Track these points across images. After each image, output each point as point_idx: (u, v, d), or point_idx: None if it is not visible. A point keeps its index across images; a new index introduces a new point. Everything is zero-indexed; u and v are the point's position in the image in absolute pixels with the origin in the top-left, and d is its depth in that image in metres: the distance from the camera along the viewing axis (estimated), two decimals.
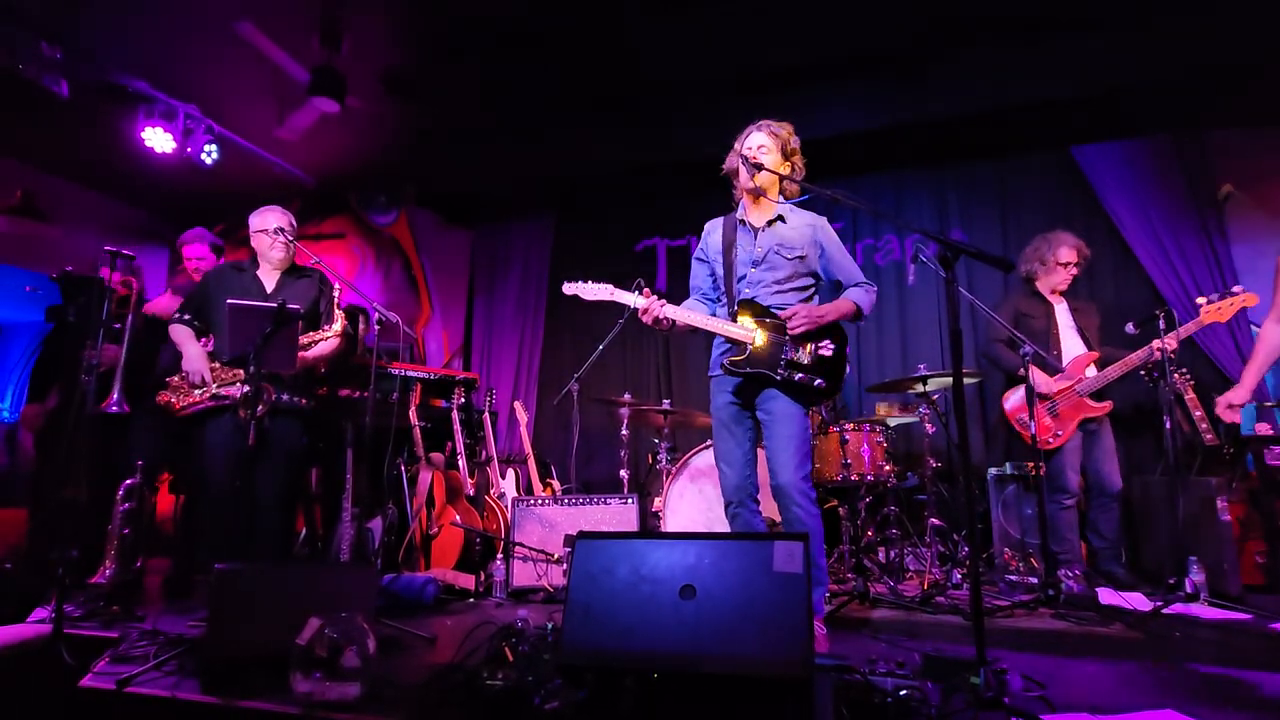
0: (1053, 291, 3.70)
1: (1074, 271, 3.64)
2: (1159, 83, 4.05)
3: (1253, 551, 3.45)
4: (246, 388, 2.84)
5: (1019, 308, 3.73)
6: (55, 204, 5.22)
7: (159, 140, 4.32)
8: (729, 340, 2.51)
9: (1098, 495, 3.51)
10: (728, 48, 4.09)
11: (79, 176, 5.58)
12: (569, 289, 2.63)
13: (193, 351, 2.97)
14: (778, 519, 2.81)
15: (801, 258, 2.54)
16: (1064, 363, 3.57)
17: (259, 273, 3.17)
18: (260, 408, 2.73)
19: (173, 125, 4.35)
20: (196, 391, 2.95)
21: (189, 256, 3.77)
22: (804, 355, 2.43)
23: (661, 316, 2.45)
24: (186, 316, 3.07)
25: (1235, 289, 3.31)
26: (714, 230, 2.71)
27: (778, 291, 2.53)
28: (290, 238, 3.13)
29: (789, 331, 2.41)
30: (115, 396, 3.00)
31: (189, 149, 4.43)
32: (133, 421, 3.38)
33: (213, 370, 2.96)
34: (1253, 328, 4.16)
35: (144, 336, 3.43)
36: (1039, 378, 3.55)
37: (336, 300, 3.16)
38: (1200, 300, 3.36)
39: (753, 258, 2.56)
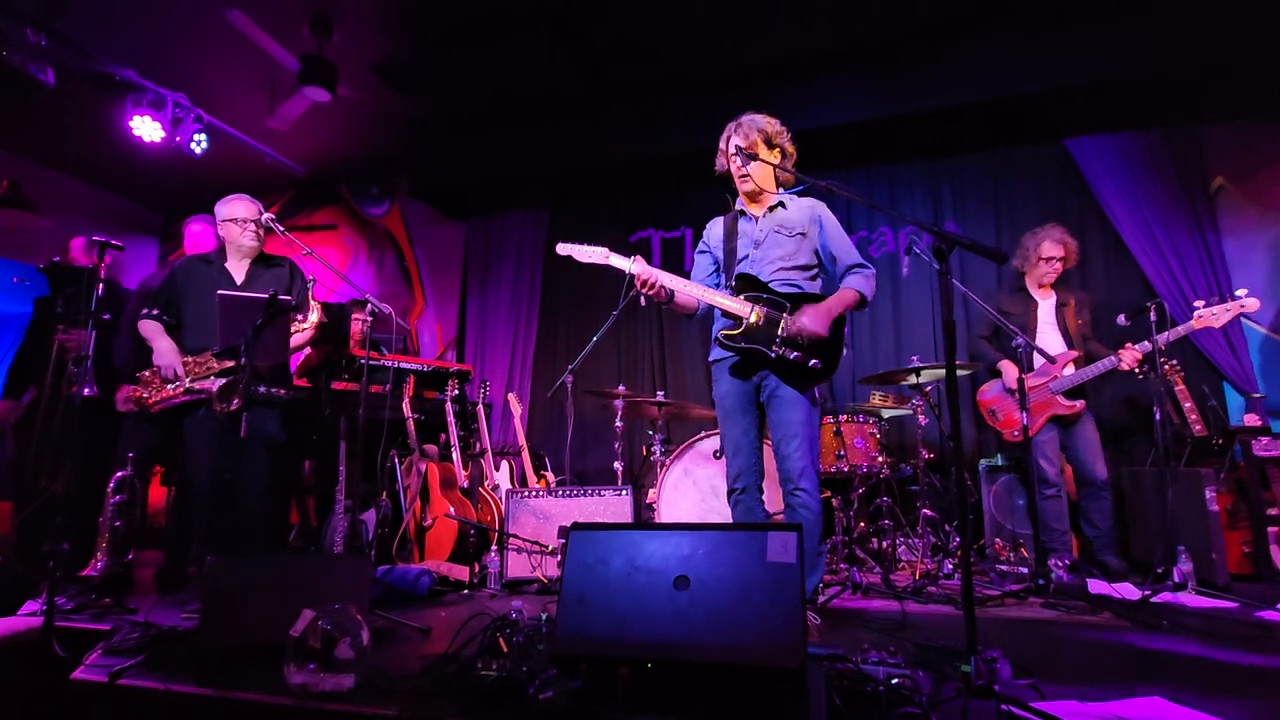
0: (1040, 286, 3.71)
1: (1058, 267, 3.64)
2: (1153, 76, 4.06)
3: (1239, 541, 3.49)
4: (221, 381, 2.83)
5: (1000, 304, 3.76)
6: (43, 194, 5.16)
7: (148, 129, 4.27)
8: (724, 314, 2.49)
9: (1083, 485, 3.55)
10: (721, 40, 4.07)
11: (67, 166, 5.52)
12: (563, 249, 2.56)
13: (164, 346, 2.93)
14: (773, 511, 2.83)
15: (803, 234, 2.53)
16: (1035, 360, 3.60)
17: (227, 264, 3.13)
18: (236, 401, 2.72)
19: (161, 114, 4.29)
20: (169, 386, 2.92)
21: (189, 235, 3.74)
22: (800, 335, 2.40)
23: (656, 283, 2.40)
24: (155, 311, 3.02)
25: (1239, 293, 3.25)
26: (715, 224, 2.73)
27: (781, 269, 2.51)
28: (261, 227, 3.09)
29: (804, 335, 2.36)
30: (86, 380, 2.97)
31: (178, 138, 4.38)
32: (125, 413, 3.36)
33: (185, 364, 2.94)
34: (1244, 321, 4.20)
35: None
36: (1010, 372, 3.57)
37: (310, 290, 3.14)
38: (1198, 304, 3.33)
39: (754, 240, 2.56)
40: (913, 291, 4.90)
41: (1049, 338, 3.65)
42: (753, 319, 2.41)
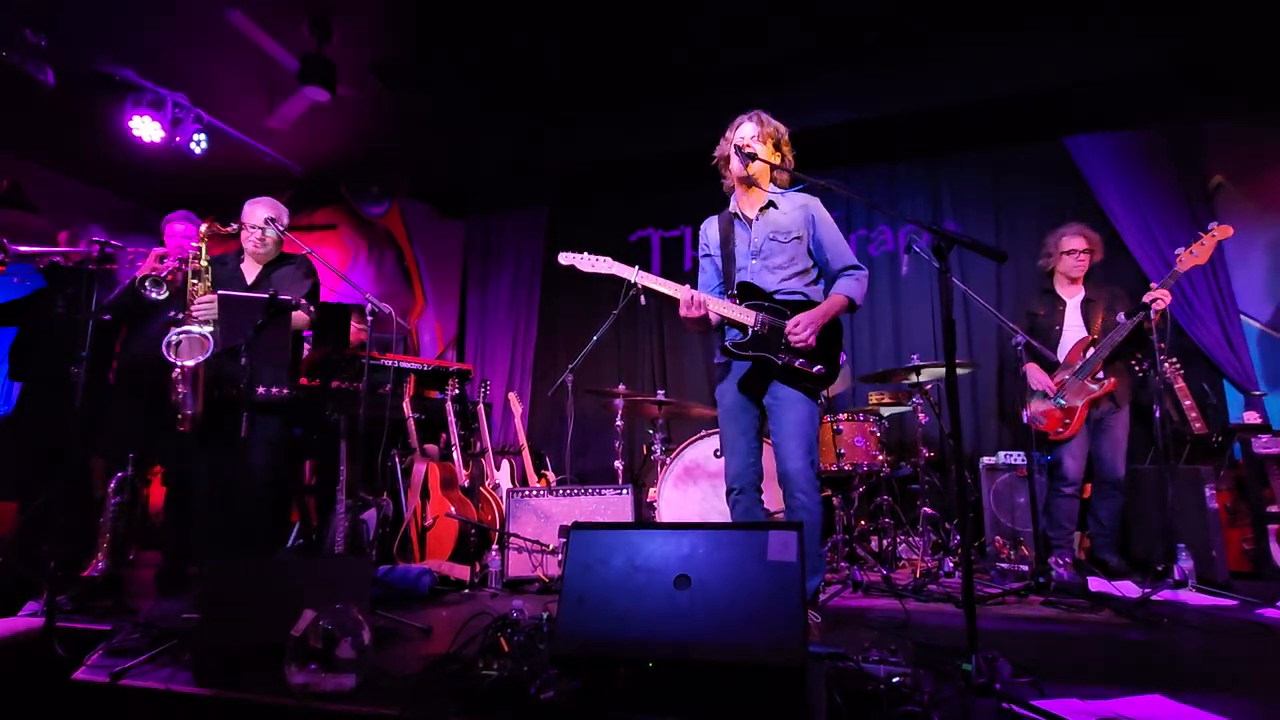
0: (1070, 283, 3.68)
1: (1083, 259, 3.62)
2: (1152, 74, 4.05)
3: (1239, 539, 3.49)
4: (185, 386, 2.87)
5: (1029, 306, 3.80)
6: (43, 194, 5.16)
7: (147, 129, 4.27)
8: (730, 323, 2.49)
9: (1101, 483, 3.54)
10: (722, 39, 4.07)
11: (67, 166, 5.51)
12: (565, 259, 2.57)
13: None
14: (773, 510, 2.83)
15: (798, 239, 2.53)
16: (1061, 358, 3.59)
17: (242, 265, 3.18)
18: (199, 404, 2.79)
19: (161, 114, 4.30)
20: None
21: (170, 234, 3.75)
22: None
23: (703, 308, 2.41)
24: (177, 315, 3.06)
25: (1211, 225, 3.30)
26: (710, 225, 2.71)
27: (782, 279, 2.52)
28: (276, 231, 3.13)
29: (792, 343, 2.39)
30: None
31: (178, 138, 4.38)
32: (125, 412, 3.37)
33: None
34: (1242, 318, 4.19)
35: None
36: (1037, 375, 3.57)
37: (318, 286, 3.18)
38: (1179, 251, 3.35)
39: (750, 249, 2.55)
40: (912, 290, 4.89)
41: (1074, 337, 3.62)
42: (758, 327, 2.43)
